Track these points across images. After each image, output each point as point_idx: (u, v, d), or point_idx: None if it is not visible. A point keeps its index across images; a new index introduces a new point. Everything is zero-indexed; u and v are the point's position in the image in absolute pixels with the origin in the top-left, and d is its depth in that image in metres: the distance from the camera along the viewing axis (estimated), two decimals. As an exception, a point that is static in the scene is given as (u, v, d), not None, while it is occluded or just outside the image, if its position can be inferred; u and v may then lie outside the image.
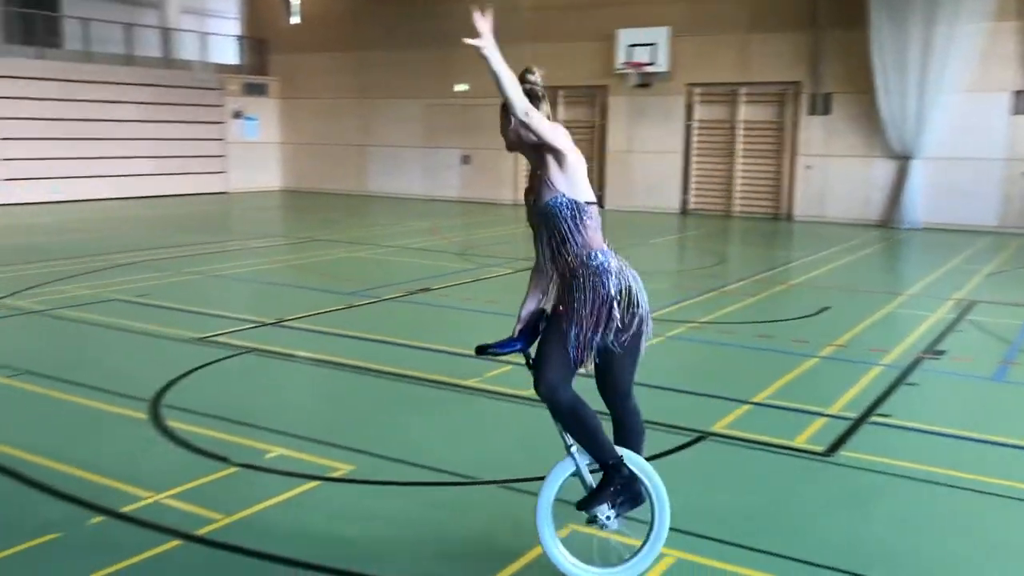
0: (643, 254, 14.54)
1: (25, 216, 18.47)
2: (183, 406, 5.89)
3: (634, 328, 3.55)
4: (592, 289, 3.48)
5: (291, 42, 26.54)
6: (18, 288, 10.02)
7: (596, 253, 3.50)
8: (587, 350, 3.54)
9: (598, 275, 3.48)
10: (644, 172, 21.64)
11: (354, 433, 5.44)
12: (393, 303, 9.73)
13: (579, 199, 3.50)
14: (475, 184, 24.00)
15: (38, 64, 21.24)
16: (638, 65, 20.73)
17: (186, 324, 8.38)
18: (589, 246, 3.50)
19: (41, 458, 4.90)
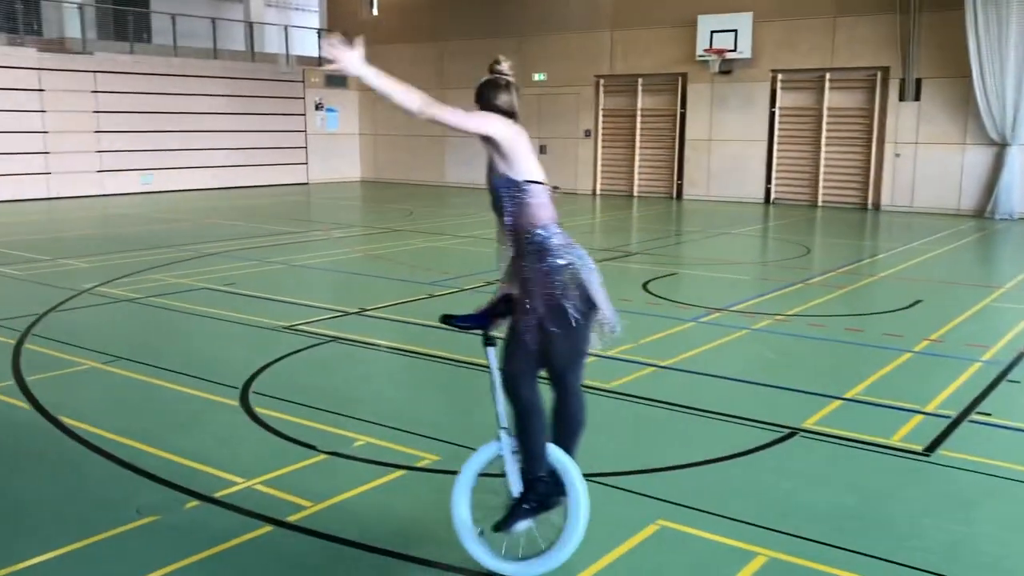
0: (726, 244, 14.29)
1: (116, 206, 19.13)
2: (272, 393, 5.99)
3: (581, 306, 3.55)
4: (535, 265, 3.55)
5: (370, 34, 26.81)
6: (111, 276, 10.36)
7: (538, 231, 3.57)
8: (534, 332, 3.53)
9: (539, 252, 3.56)
10: (725, 161, 21.25)
11: (437, 423, 5.46)
12: (473, 293, 9.74)
13: (518, 178, 3.58)
14: (551, 173, 23.60)
15: (129, 59, 21.93)
16: (720, 51, 20.34)
17: (272, 313, 8.54)
18: (532, 224, 3.57)
19: (138, 443, 5.05)
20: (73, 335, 7.57)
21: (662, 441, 5.27)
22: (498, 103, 3.69)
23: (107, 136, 21.51)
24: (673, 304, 9.14)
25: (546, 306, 3.51)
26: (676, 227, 16.98)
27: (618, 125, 22.76)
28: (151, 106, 22.21)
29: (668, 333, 7.87)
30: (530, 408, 3.63)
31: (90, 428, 5.27)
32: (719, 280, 10.92)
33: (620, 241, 14.82)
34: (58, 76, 20.52)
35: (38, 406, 5.69)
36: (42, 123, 20.37)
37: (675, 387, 6.30)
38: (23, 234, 14.44)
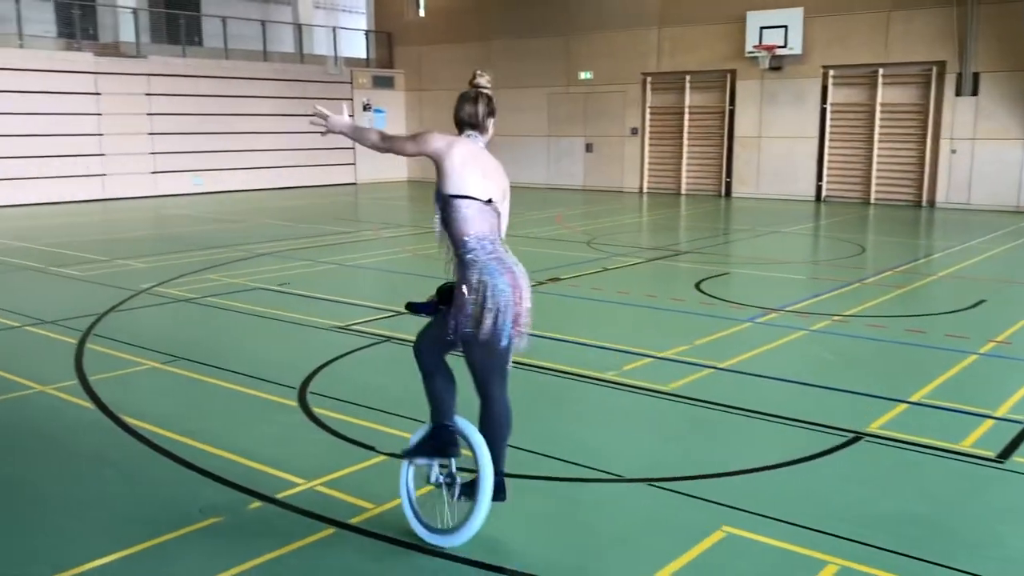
0: (777, 243, 14.08)
1: (169, 207, 19.45)
2: (329, 394, 6.02)
3: (487, 324, 3.77)
4: (459, 274, 3.83)
5: (416, 35, 26.94)
6: (168, 277, 10.51)
7: (466, 242, 3.81)
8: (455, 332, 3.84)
9: (462, 264, 3.83)
10: (775, 158, 20.96)
11: (495, 425, 5.43)
12: (524, 293, 9.71)
13: (448, 192, 3.81)
14: (598, 172, 23.81)
15: (181, 62, 22.28)
16: (770, 48, 20.07)
17: (326, 312, 8.60)
18: (459, 235, 3.83)
19: (199, 443, 5.10)
20: (133, 335, 7.69)
21: (723, 445, 5.19)
22: (460, 114, 3.95)
23: (160, 138, 21.88)
24: (727, 304, 9.01)
25: (461, 315, 3.78)
26: (726, 225, 16.78)
27: (665, 123, 22.57)
28: (202, 108, 22.55)
29: (724, 334, 7.76)
30: (427, 373, 4.13)
31: (152, 428, 5.34)
32: (773, 280, 10.76)
33: (669, 240, 14.69)
34: (113, 80, 20.92)
35: (101, 405, 5.78)
36: (98, 126, 20.79)
37: (734, 389, 6.20)
38: (80, 235, 14.74)
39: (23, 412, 5.71)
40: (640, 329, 8.04)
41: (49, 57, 19.97)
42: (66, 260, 11.87)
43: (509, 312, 3.83)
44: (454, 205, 3.81)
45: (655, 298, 9.34)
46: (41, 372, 6.54)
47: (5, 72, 19.21)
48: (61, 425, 5.47)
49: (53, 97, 19.95)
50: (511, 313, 3.84)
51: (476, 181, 3.84)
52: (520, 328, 3.94)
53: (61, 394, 6.04)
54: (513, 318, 3.87)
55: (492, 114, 4.06)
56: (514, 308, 3.86)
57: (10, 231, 15.23)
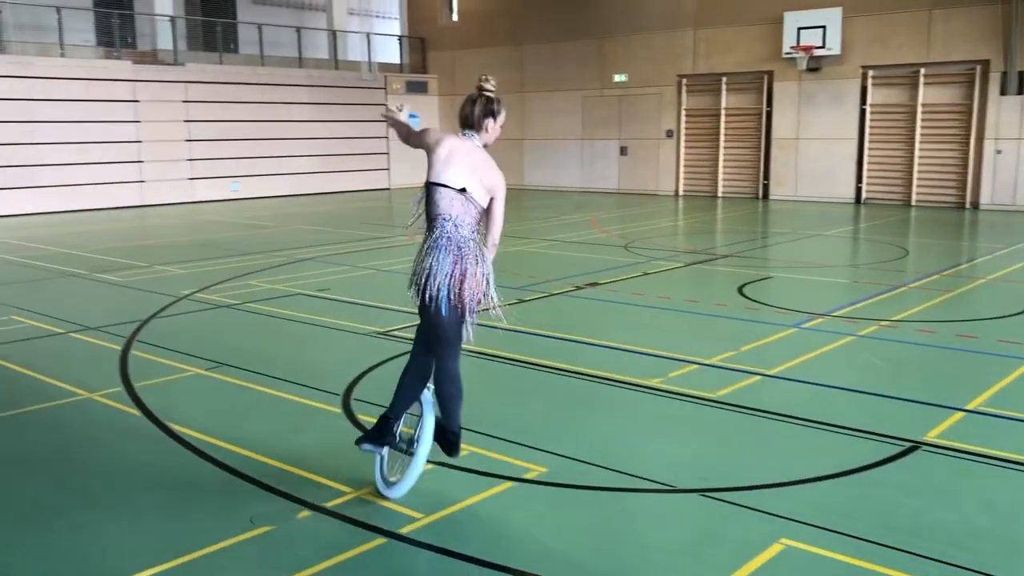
0: (819, 246, 13.88)
1: (206, 213, 19.62)
2: (373, 400, 5.98)
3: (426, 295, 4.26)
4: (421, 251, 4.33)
5: (450, 39, 27.00)
6: (208, 283, 10.57)
7: (433, 224, 4.30)
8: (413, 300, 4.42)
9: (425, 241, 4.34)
10: (813, 160, 20.71)
11: (541, 433, 5.36)
12: (563, 298, 9.65)
13: (428, 180, 4.31)
14: (633, 175, 23.68)
15: (218, 69, 22.50)
16: (807, 48, 19.84)
17: (366, 318, 8.58)
18: (431, 217, 4.31)
19: (246, 450, 5.08)
20: (176, 341, 7.72)
21: (776, 454, 5.08)
22: (460, 114, 4.43)
23: (197, 144, 22.09)
24: (771, 309, 8.87)
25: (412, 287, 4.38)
26: (765, 228, 16.58)
27: (701, 125, 22.39)
28: (239, 115, 22.75)
29: (770, 340, 7.63)
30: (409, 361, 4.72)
31: (199, 435, 5.34)
32: (816, 284, 10.58)
33: (709, 243, 14.54)
34: (151, 87, 21.17)
35: (148, 412, 5.80)
36: (136, 133, 21.04)
37: (784, 396, 6.08)
38: (120, 241, 14.90)
39: (71, 419, 5.74)
40: (684, 335, 7.93)
41: (89, 65, 20.25)
42: (107, 266, 11.99)
43: (444, 289, 4.21)
44: (430, 192, 4.27)
45: (698, 303, 9.22)
46: (87, 379, 6.58)
47: (46, 81, 19.50)
48: (109, 432, 5.49)
49: (93, 105, 20.22)
50: (447, 290, 4.22)
51: (454, 173, 4.25)
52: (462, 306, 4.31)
53: (108, 401, 6.06)
54: (454, 297, 4.24)
55: (491, 115, 4.44)
56: (455, 288, 4.22)
57: (53, 237, 15.43)
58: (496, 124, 4.50)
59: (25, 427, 5.61)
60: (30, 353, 7.45)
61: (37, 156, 19.51)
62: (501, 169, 4.49)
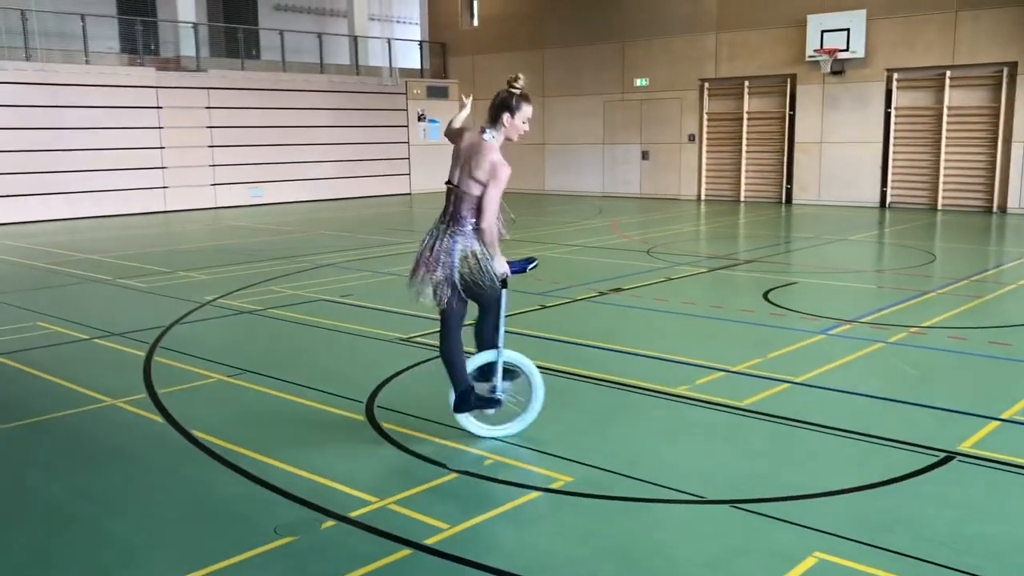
0: (844, 251, 13.72)
1: (229, 218, 19.70)
2: (397, 408, 5.94)
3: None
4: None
5: (470, 44, 27.00)
6: (231, 288, 10.58)
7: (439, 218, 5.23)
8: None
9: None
10: (837, 164, 20.52)
11: (567, 441, 5.29)
12: (586, 304, 9.57)
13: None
14: (655, 179, 23.56)
15: (240, 75, 22.61)
16: (831, 51, 19.66)
17: (389, 324, 8.55)
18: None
19: (270, 458, 5.04)
20: (199, 347, 7.71)
21: (807, 464, 4.97)
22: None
23: (219, 150, 22.21)
24: (798, 315, 8.75)
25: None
26: (788, 233, 16.43)
27: (723, 129, 22.26)
28: (261, 121, 22.85)
29: (797, 346, 7.52)
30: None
31: (222, 443, 5.31)
32: (843, 289, 10.44)
33: (732, 248, 14.41)
34: (174, 93, 21.30)
35: (171, 419, 5.78)
36: (159, 139, 21.17)
37: (813, 405, 5.98)
38: (143, 247, 14.97)
39: (95, 426, 5.73)
40: (709, 341, 7.83)
41: (113, 72, 20.40)
42: (131, 272, 12.04)
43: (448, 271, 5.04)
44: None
45: (722, 309, 9.12)
46: (111, 385, 6.57)
47: (71, 88, 19.67)
48: (132, 439, 5.47)
49: (116, 111, 20.38)
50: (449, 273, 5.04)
51: (454, 170, 4.95)
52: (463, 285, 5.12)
53: (131, 408, 6.05)
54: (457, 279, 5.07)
55: (506, 109, 4.95)
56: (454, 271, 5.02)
57: (77, 243, 15.53)
58: (514, 119, 4.96)
59: (49, 434, 5.60)
60: (54, 359, 7.47)
61: (61, 162, 19.67)
62: (524, 175, 4.55)
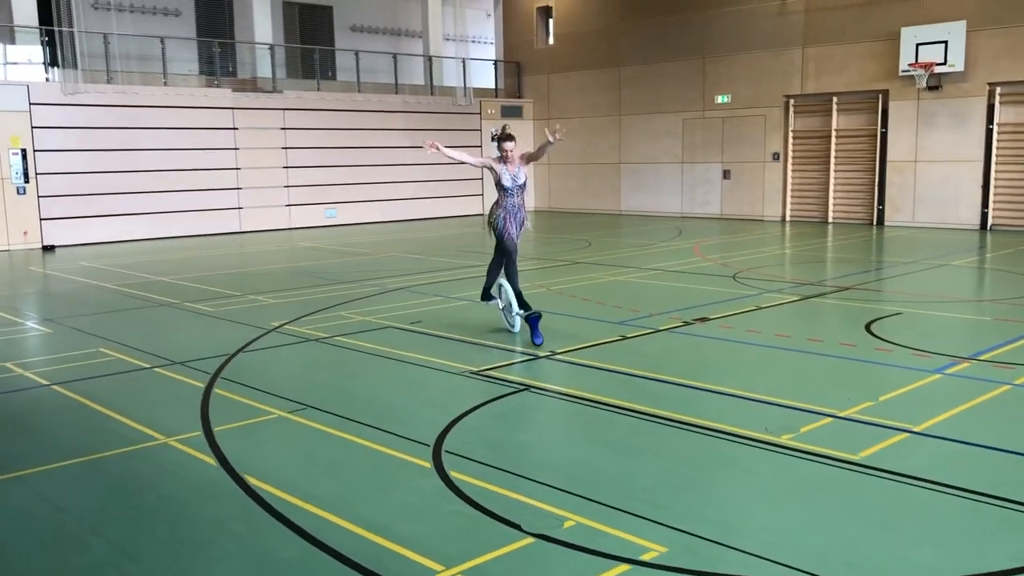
0: (948, 278, 12.74)
1: (302, 239, 19.58)
2: (466, 453, 5.40)
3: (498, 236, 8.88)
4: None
5: (545, 63, 26.60)
6: (298, 314, 10.24)
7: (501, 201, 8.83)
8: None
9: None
10: (933, 184, 19.39)
11: (657, 500, 4.67)
12: (669, 335, 8.91)
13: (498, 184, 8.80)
14: (736, 200, 22.69)
15: (315, 96, 22.60)
16: (927, 65, 18.61)
17: (460, 355, 8.05)
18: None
19: (325, 511, 4.56)
20: (261, 379, 7.32)
21: (939, 536, 4.25)
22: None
23: (294, 171, 22.19)
24: (907, 351, 7.95)
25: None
26: (884, 257, 15.44)
27: (810, 147, 21.31)
28: (335, 141, 22.79)
29: (911, 388, 6.75)
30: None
31: (276, 491, 4.85)
32: (953, 321, 9.56)
33: (824, 273, 13.55)
34: (250, 114, 21.37)
35: (225, 462, 5.34)
36: (235, 160, 21.24)
37: (940, 460, 5.23)
38: (215, 269, 14.83)
39: (144, 468, 5.33)
40: (811, 381, 7.11)
41: (190, 94, 20.55)
42: (200, 295, 11.83)
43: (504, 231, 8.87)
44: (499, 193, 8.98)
45: (821, 342, 8.36)
46: (167, 420, 6.20)
47: (149, 109, 19.87)
48: (182, 486, 5.04)
49: (193, 133, 20.52)
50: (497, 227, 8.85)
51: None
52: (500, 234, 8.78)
53: (184, 447, 5.65)
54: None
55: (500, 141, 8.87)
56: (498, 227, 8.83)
57: (149, 265, 15.50)
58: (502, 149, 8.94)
59: (95, 476, 5.22)
60: (112, 390, 7.16)
61: (139, 184, 19.85)
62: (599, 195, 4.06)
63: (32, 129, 18.45)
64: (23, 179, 18.42)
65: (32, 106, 18.43)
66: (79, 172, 19.09)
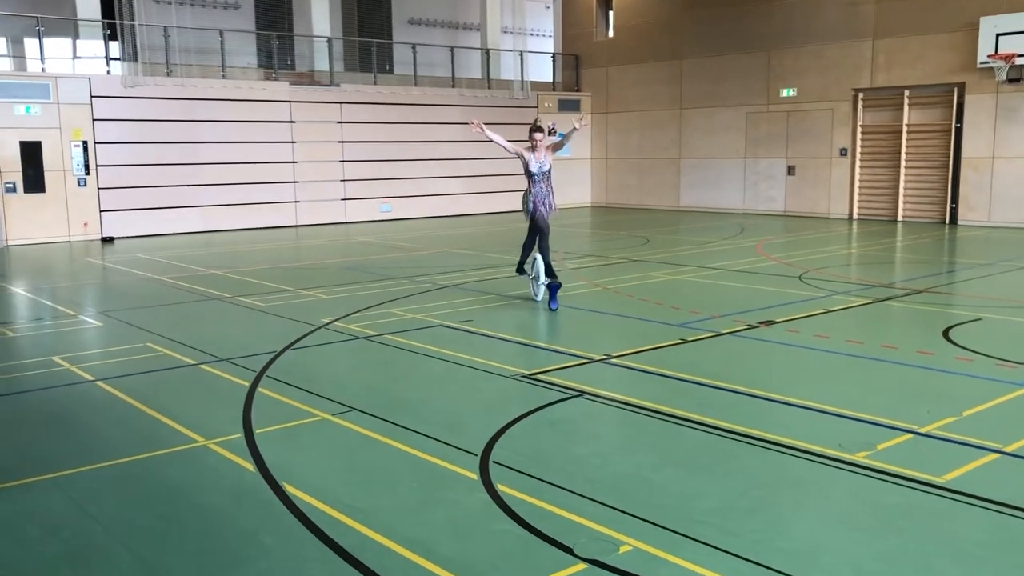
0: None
1: (357, 234, 19.47)
2: (515, 465, 5.08)
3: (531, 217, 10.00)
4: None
5: (604, 56, 26.12)
6: (349, 310, 10.03)
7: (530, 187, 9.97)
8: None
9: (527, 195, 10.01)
10: (1012, 181, 18.49)
11: (723, 524, 4.29)
12: (733, 339, 8.47)
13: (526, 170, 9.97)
14: (801, 196, 21.97)
15: (372, 89, 22.48)
16: (1008, 57, 17.71)
17: (510, 357, 7.73)
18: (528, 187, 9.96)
19: (365, 527, 4.28)
20: (307, 378, 7.10)
21: (1044, 576, 3.80)
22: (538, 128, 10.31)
23: (351, 165, 22.11)
24: (990, 360, 7.40)
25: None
26: (958, 258, 14.70)
27: (879, 143, 20.50)
28: (392, 135, 22.65)
29: (998, 402, 6.23)
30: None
31: (314, 502, 4.58)
32: (1038, 328, 8.94)
33: (895, 275, 12.91)
34: (307, 108, 21.33)
35: (263, 468, 5.10)
36: (292, 153, 21.23)
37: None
38: (269, 263, 14.75)
39: (181, 473, 5.11)
40: (886, 392, 6.62)
41: (248, 87, 20.58)
42: (252, 289, 11.71)
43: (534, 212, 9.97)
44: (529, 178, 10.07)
45: (896, 350, 7.84)
46: (208, 422, 6.00)
47: (207, 102, 19.94)
48: (218, 493, 4.81)
49: (250, 126, 20.54)
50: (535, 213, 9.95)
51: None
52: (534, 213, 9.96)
53: (223, 451, 5.42)
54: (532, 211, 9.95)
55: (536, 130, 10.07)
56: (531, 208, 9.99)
57: (206, 257, 15.50)
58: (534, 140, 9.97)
59: (130, 481, 5.02)
60: (155, 387, 7.00)
61: (197, 176, 19.95)
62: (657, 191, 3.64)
63: (93, 122, 18.64)
64: (84, 171, 18.62)
65: (93, 99, 18.61)
66: (138, 164, 19.23)
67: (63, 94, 18.26)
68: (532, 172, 9.87)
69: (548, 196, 9.98)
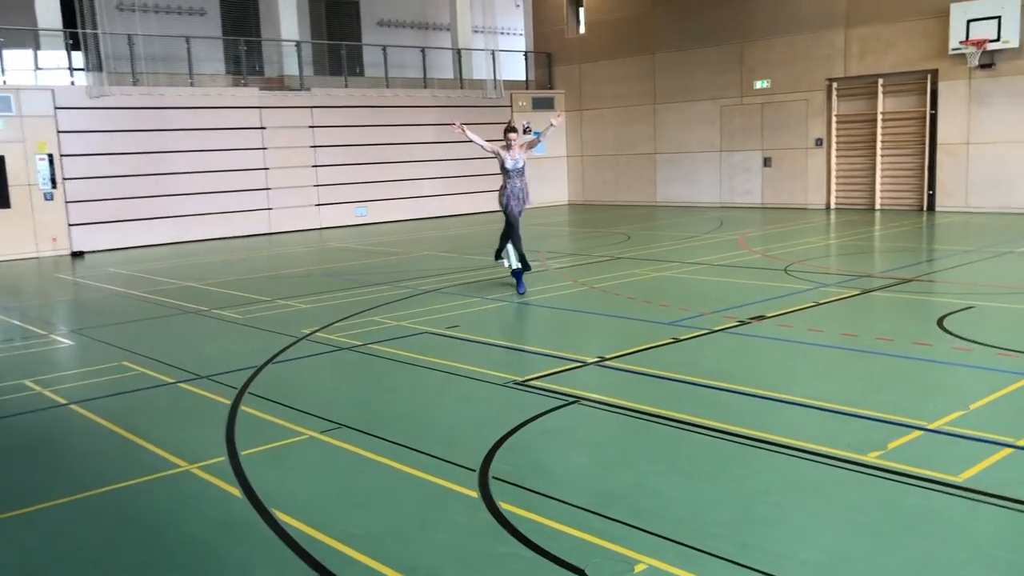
0: (1011, 266, 11.98)
1: (332, 239, 19.15)
2: (517, 480, 4.86)
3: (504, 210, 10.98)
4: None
5: (576, 53, 25.97)
6: (330, 319, 9.76)
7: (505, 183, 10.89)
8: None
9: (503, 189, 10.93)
10: (987, 167, 18.53)
11: (739, 538, 4.09)
12: (725, 336, 8.30)
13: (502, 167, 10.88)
14: (778, 188, 21.93)
15: (343, 92, 22.17)
16: (979, 43, 17.74)
17: (500, 362, 7.51)
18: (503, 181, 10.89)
19: (360, 554, 4.04)
20: (292, 394, 6.84)
21: (1078, 579, 3.64)
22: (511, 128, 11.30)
23: (323, 170, 21.78)
24: (990, 349, 7.28)
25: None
26: (940, 245, 14.67)
27: (854, 132, 20.49)
28: (364, 138, 22.35)
29: (1003, 393, 6.09)
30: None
31: (307, 529, 4.34)
32: (1031, 315, 8.85)
33: (881, 264, 12.83)
34: (277, 113, 20.98)
35: (251, 493, 4.85)
36: (264, 160, 20.87)
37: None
38: (245, 272, 14.43)
39: (164, 502, 4.84)
40: (889, 387, 6.47)
41: (217, 93, 20.19)
42: (229, 301, 11.40)
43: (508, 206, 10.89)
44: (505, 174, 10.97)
45: (893, 342, 7.70)
46: (190, 445, 5.73)
47: (176, 111, 19.54)
48: (202, 523, 4.55)
49: (221, 133, 20.16)
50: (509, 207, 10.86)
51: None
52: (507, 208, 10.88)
53: (207, 475, 5.16)
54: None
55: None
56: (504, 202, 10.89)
57: (179, 269, 15.14)
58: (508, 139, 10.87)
59: (111, 513, 4.74)
60: (133, 409, 6.71)
61: (167, 186, 19.54)
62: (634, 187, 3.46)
63: (58, 134, 18.19)
64: (51, 184, 18.17)
65: (58, 110, 18.16)
66: (106, 176, 18.80)
67: (26, 106, 17.80)
68: (507, 168, 10.81)
69: (523, 190, 10.90)
